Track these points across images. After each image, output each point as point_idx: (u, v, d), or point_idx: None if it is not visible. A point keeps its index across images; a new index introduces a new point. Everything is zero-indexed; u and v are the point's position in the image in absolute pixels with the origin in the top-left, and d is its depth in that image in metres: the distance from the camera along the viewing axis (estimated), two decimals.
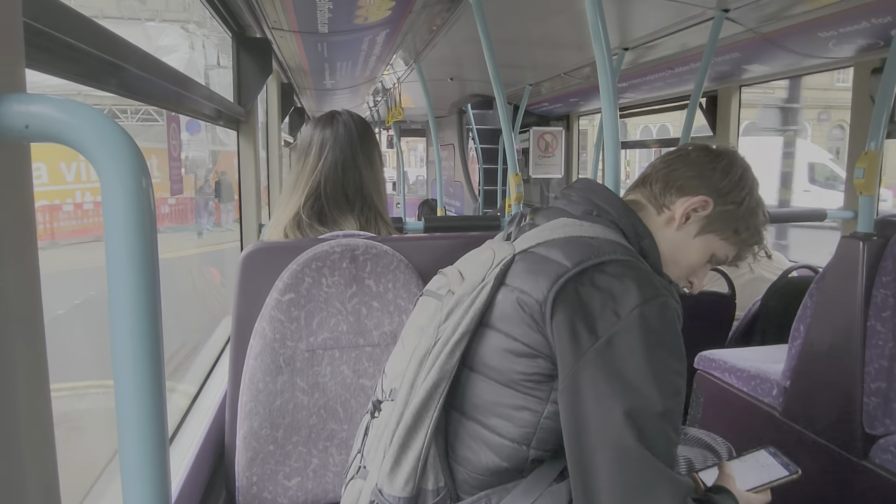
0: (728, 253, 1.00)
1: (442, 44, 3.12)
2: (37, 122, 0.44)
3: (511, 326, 0.81)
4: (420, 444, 0.81)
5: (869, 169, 1.89)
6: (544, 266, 0.81)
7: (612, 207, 0.92)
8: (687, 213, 0.96)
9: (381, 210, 1.39)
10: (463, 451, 0.85)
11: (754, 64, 2.99)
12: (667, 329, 0.78)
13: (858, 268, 1.64)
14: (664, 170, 1.00)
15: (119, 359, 0.46)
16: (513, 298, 0.81)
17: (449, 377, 0.83)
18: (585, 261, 0.79)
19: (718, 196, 0.96)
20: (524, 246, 0.87)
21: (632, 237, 0.91)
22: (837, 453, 1.66)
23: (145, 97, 1.32)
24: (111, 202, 0.45)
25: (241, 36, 2.20)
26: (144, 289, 0.46)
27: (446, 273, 0.96)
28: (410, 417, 0.82)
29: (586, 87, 4.35)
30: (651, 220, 0.97)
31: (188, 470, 1.13)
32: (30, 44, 0.72)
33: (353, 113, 1.43)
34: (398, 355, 0.94)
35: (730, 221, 0.97)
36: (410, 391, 0.84)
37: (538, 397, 0.80)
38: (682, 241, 0.97)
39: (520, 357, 0.80)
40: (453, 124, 6.61)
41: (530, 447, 0.82)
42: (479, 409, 0.84)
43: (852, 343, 1.63)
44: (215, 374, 1.69)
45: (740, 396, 2.05)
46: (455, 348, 0.83)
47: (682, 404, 0.79)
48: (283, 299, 1.19)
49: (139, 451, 0.47)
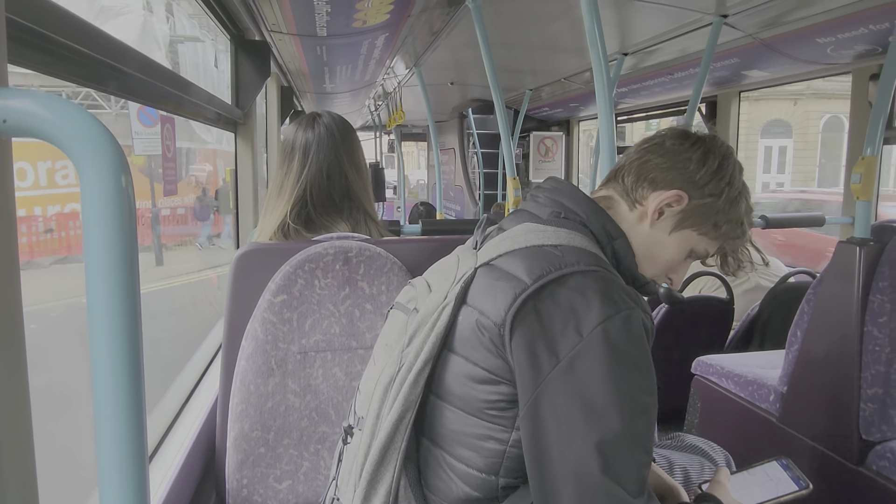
0: (708, 248, 0.93)
1: (442, 48, 3.13)
2: (15, 116, 0.43)
3: (471, 351, 0.77)
4: (389, 478, 0.79)
5: (866, 174, 1.89)
6: (503, 283, 0.77)
7: (580, 209, 0.87)
8: (660, 209, 0.88)
9: (370, 211, 1.38)
10: (434, 480, 0.82)
11: (753, 69, 2.99)
12: (632, 344, 0.73)
13: (855, 273, 1.64)
14: (637, 161, 0.92)
15: (97, 356, 0.45)
16: (472, 320, 0.78)
17: (414, 406, 0.80)
18: (545, 275, 0.74)
19: (694, 188, 0.88)
20: (486, 257, 0.82)
21: (602, 239, 0.86)
22: (834, 459, 1.65)
23: (143, 98, 1.32)
24: (90, 199, 0.44)
25: (239, 39, 2.21)
26: (124, 287, 0.46)
27: (414, 284, 0.92)
28: (377, 452, 0.79)
29: (586, 92, 4.36)
30: (623, 217, 0.91)
31: (177, 472, 1.12)
32: (23, 43, 0.72)
33: (333, 114, 1.41)
34: (369, 373, 0.91)
35: (708, 215, 0.89)
36: (376, 423, 0.81)
37: (502, 425, 0.77)
38: (656, 239, 0.90)
39: (481, 384, 0.77)
40: (454, 129, 6.61)
41: (499, 476, 0.79)
42: (445, 438, 0.81)
43: (849, 349, 1.62)
44: (207, 377, 1.68)
45: (737, 402, 2.04)
46: (418, 377, 0.79)
47: (653, 422, 0.75)
48: (275, 301, 1.18)
49: (118, 454, 0.46)
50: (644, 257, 0.90)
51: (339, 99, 4.73)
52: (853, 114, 2.65)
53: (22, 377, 0.59)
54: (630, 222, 0.91)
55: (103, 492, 0.46)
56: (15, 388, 0.56)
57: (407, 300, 0.90)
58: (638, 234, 0.90)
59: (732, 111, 3.43)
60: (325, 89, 4.08)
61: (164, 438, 1.32)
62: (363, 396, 0.89)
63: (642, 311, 0.76)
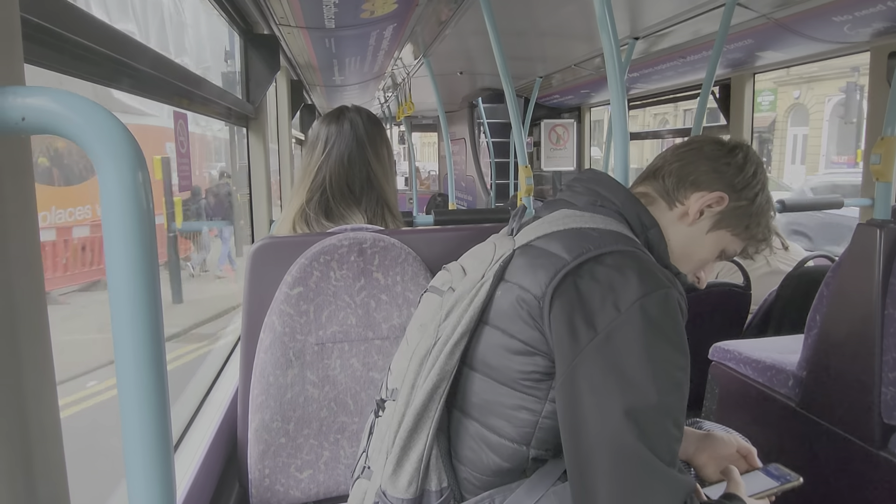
0: (737, 248, 0.99)
1: (450, 37, 3.11)
2: (33, 114, 0.44)
3: (509, 323, 0.80)
4: (422, 445, 0.81)
5: (885, 155, 1.86)
6: (543, 260, 0.80)
7: (616, 197, 0.91)
8: (701, 209, 0.94)
9: (391, 203, 1.39)
10: (464, 451, 0.84)
11: (768, 51, 2.94)
12: (669, 322, 0.75)
13: (875, 256, 1.61)
14: (677, 163, 0.97)
15: (121, 352, 0.46)
16: (511, 295, 0.80)
17: (449, 377, 0.82)
18: (585, 253, 0.77)
19: (733, 191, 0.94)
20: (524, 240, 0.86)
21: (637, 227, 0.89)
22: (855, 444, 1.63)
23: (156, 95, 1.33)
24: (109, 194, 0.45)
25: (248, 33, 2.21)
26: (144, 283, 0.46)
27: (449, 269, 0.95)
28: (411, 419, 0.81)
29: (597, 78, 4.31)
30: (662, 214, 0.95)
31: (200, 463, 1.14)
32: (33, 40, 0.73)
33: (361, 108, 1.44)
34: (402, 352, 0.94)
35: (742, 217, 0.95)
36: (411, 392, 0.83)
37: (536, 396, 0.79)
38: (694, 237, 0.96)
39: (517, 355, 0.79)
40: (464, 118, 6.59)
41: (530, 447, 0.81)
42: (478, 408, 0.83)
43: (869, 332, 1.60)
44: (227, 369, 1.70)
45: (756, 387, 2.03)
46: (454, 348, 0.82)
47: (685, 399, 0.77)
48: (291, 293, 1.19)
49: (143, 446, 0.47)
50: (680, 255, 0.95)
51: (349, 91, 4.73)
52: (872, 93, 2.60)
53: (48, 370, 0.60)
54: (668, 220, 0.95)
55: (131, 483, 0.46)
56: (44, 383, 0.57)
57: (441, 283, 0.93)
58: (676, 232, 0.95)
59: (747, 93, 3.38)
60: (335, 82, 4.08)
61: (187, 430, 1.34)
62: (396, 373, 0.91)
63: (678, 292, 0.78)
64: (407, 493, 0.80)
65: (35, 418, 0.57)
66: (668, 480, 0.70)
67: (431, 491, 0.81)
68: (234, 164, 6.46)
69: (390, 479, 0.81)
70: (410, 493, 0.80)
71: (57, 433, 0.61)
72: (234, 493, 1.27)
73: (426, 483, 0.81)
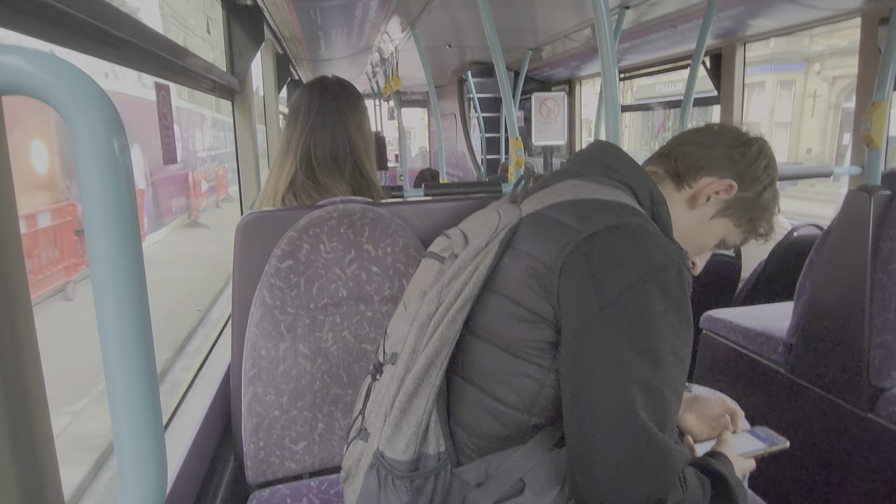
0: (737, 239, 1.00)
1: (438, 8, 3.05)
2: (5, 74, 0.42)
3: (516, 291, 0.79)
4: (421, 409, 0.81)
5: (876, 121, 1.85)
6: (554, 229, 0.79)
7: (626, 169, 0.90)
8: (709, 195, 0.94)
9: (371, 175, 1.38)
10: (464, 416, 0.84)
11: (758, 18, 2.91)
12: (678, 295, 0.75)
13: (865, 221, 1.62)
14: (692, 146, 0.97)
15: (105, 327, 0.45)
16: (520, 263, 0.80)
17: (451, 344, 0.82)
18: (597, 223, 0.77)
19: (743, 181, 0.94)
20: (532, 208, 0.85)
21: (645, 201, 0.89)
22: (844, 407, 1.66)
23: (140, 67, 1.30)
24: (85, 157, 0.43)
25: (231, 4, 2.16)
26: (125, 248, 0.45)
27: (449, 234, 0.94)
28: (411, 384, 0.81)
29: (587, 50, 4.26)
30: (669, 194, 0.95)
31: (193, 438, 1.14)
32: (12, 6, 0.70)
33: (340, 78, 1.42)
34: (400, 317, 0.93)
35: (747, 209, 0.96)
36: (412, 356, 0.83)
37: (540, 365, 0.79)
38: (697, 221, 0.96)
39: (523, 323, 0.79)
40: (454, 93, 6.51)
41: (531, 414, 0.81)
42: (480, 374, 0.83)
43: (858, 297, 1.61)
44: (219, 345, 1.70)
45: (746, 355, 2.05)
46: (457, 315, 0.81)
47: (687, 371, 0.78)
48: (281, 266, 1.18)
49: (132, 422, 0.46)
50: (681, 238, 0.93)
51: (336, 65, 4.65)
52: (862, 60, 2.58)
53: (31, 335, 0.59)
54: (674, 201, 0.95)
55: (122, 460, 0.46)
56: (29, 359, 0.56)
57: (440, 249, 0.92)
58: (680, 214, 0.95)
59: (738, 62, 3.35)
60: (321, 55, 4.01)
61: (180, 405, 1.34)
62: (395, 337, 0.90)
63: (686, 267, 0.78)
64: (404, 456, 0.80)
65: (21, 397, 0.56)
66: (666, 451, 0.72)
67: (429, 454, 0.82)
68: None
69: (388, 441, 0.81)
70: (408, 456, 0.80)
71: (45, 411, 0.60)
72: (230, 466, 1.27)
73: (424, 447, 0.82)
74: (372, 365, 0.96)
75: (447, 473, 0.83)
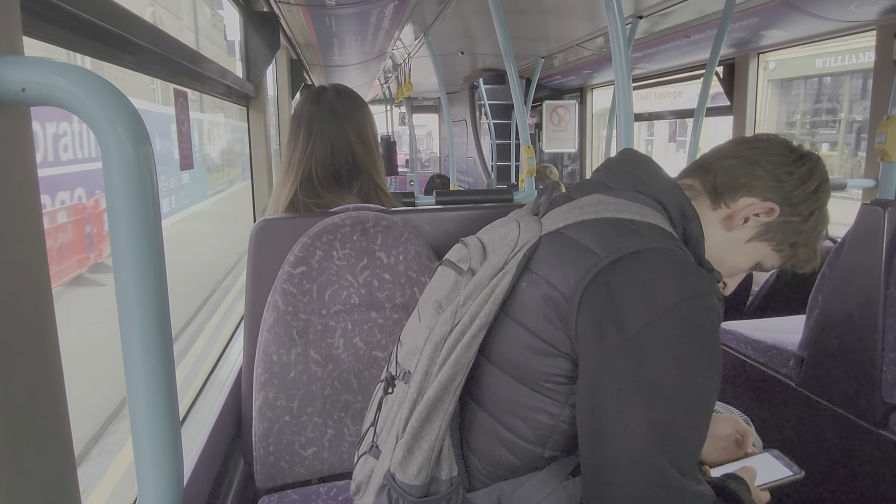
0: (776, 263, 0.91)
1: (451, 16, 3.07)
2: (33, 85, 0.43)
3: (532, 321, 0.75)
4: (434, 434, 0.78)
5: (891, 134, 1.84)
6: (574, 254, 0.74)
7: (657, 184, 0.83)
8: (747, 216, 0.86)
9: (380, 183, 1.37)
10: (476, 443, 0.82)
11: (773, 29, 2.90)
12: (706, 330, 0.70)
13: (879, 235, 1.61)
14: (734, 161, 0.88)
15: (127, 331, 0.46)
16: (537, 290, 0.75)
17: (465, 370, 0.78)
18: (619, 249, 0.72)
19: (787, 204, 0.85)
20: (553, 226, 0.80)
21: (676, 218, 0.82)
22: (856, 423, 1.64)
23: (156, 73, 1.31)
24: (112, 168, 0.44)
25: (248, 11, 2.18)
26: (149, 258, 0.46)
27: (467, 243, 0.89)
28: (424, 409, 0.78)
29: (599, 59, 4.27)
30: (704, 211, 0.87)
31: (205, 441, 1.15)
32: (32, 13, 0.72)
33: (340, 86, 1.39)
34: (414, 327, 0.90)
35: (790, 234, 0.87)
36: (425, 379, 0.80)
37: (555, 399, 0.76)
38: (732, 243, 0.88)
39: (539, 355, 0.75)
40: (465, 100, 6.53)
41: (545, 448, 0.78)
42: (494, 403, 0.80)
43: (871, 311, 1.60)
44: (231, 348, 1.71)
45: (757, 368, 2.03)
46: (472, 341, 0.78)
47: (712, 408, 0.72)
48: (294, 272, 1.19)
49: (151, 424, 0.47)
50: (712, 258, 0.87)
51: (350, 72, 4.68)
52: (877, 72, 2.57)
53: (53, 341, 0.60)
54: (709, 219, 0.88)
55: (139, 460, 0.47)
56: (50, 356, 0.57)
57: (458, 259, 0.87)
58: (715, 234, 0.87)
59: (751, 73, 3.34)
60: (335, 62, 4.03)
61: (192, 407, 1.35)
62: (407, 350, 0.88)
63: (716, 297, 0.72)
64: (416, 480, 0.78)
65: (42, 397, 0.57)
66: (687, 495, 0.68)
67: (441, 479, 0.80)
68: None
69: (400, 464, 0.79)
70: (420, 480, 0.78)
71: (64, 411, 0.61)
72: (240, 470, 1.28)
73: (436, 471, 0.79)
74: (384, 377, 0.94)
75: (459, 498, 0.80)
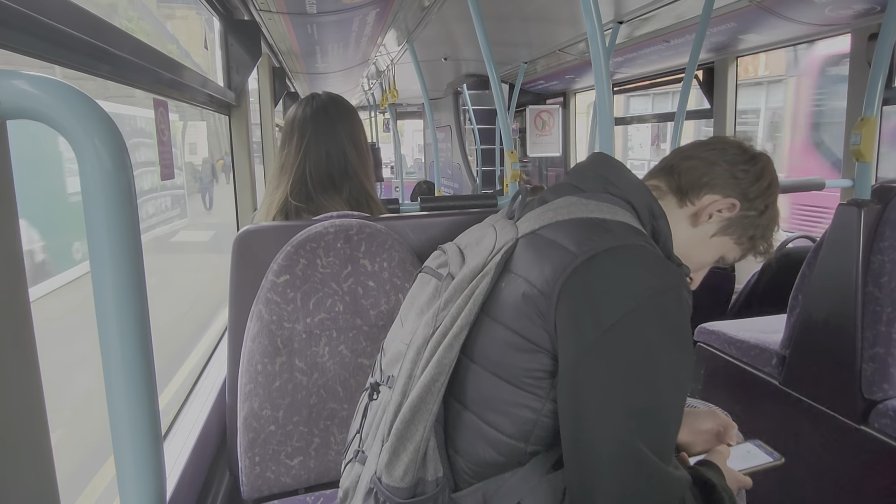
0: (736, 256, 0.99)
1: (434, 22, 3.08)
2: (10, 98, 0.43)
3: (512, 319, 0.78)
4: (419, 436, 0.79)
5: (866, 135, 1.87)
6: (550, 252, 0.77)
7: (625, 185, 0.88)
8: (711, 212, 0.93)
9: (370, 190, 1.38)
10: (461, 442, 0.83)
11: (750, 33, 2.95)
12: (678, 321, 0.74)
13: (856, 235, 1.64)
14: (696, 161, 0.95)
15: (107, 342, 0.46)
16: (516, 289, 0.78)
17: (448, 371, 0.80)
18: (595, 246, 0.75)
19: (745, 200, 0.94)
20: (529, 228, 0.83)
21: (644, 217, 0.87)
22: (836, 419, 1.67)
23: (136, 83, 1.31)
24: (89, 179, 0.44)
25: (228, 19, 2.17)
26: (128, 270, 0.46)
27: (445, 249, 0.92)
28: (409, 411, 0.79)
29: (581, 63, 4.31)
30: (671, 210, 0.94)
31: (190, 453, 1.14)
32: (11, 26, 0.71)
33: (333, 94, 1.42)
34: (397, 334, 0.92)
35: (748, 227, 0.95)
36: (408, 381, 0.81)
37: (538, 395, 0.78)
38: (698, 238, 0.95)
39: (521, 352, 0.77)
40: (449, 105, 6.55)
41: (528, 443, 0.80)
42: (477, 402, 0.81)
43: (850, 310, 1.63)
44: (215, 359, 1.70)
45: (740, 367, 2.06)
46: (454, 341, 0.80)
47: (686, 397, 0.76)
48: (278, 281, 1.19)
49: (133, 436, 0.46)
50: (680, 253, 0.92)
51: (333, 79, 4.68)
52: (852, 75, 2.62)
53: (31, 357, 0.59)
54: (675, 217, 0.94)
55: (121, 472, 0.46)
56: (28, 370, 0.56)
57: (437, 265, 0.91)
58: (681, 231, 0.94)
59: (730, 76, 3.39)
60: (318, 69, 4.03)
61: (176, 420, 1.34)
62: (391, 356, 0.89)
63: (686, 289, 0.76)
64: (402, 482, 0.79)
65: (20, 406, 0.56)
66: (665, 479, 0.72)
67: (427, 480, 0.81)
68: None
69: (386, 467, 0.80)
70: (406, 482, 0.79)
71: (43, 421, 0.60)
72: (226, 481, 1.27)
73: (422, 472, 0.80)
74: (368, 384, 0.95)
75: (445, 499, 0.81)
